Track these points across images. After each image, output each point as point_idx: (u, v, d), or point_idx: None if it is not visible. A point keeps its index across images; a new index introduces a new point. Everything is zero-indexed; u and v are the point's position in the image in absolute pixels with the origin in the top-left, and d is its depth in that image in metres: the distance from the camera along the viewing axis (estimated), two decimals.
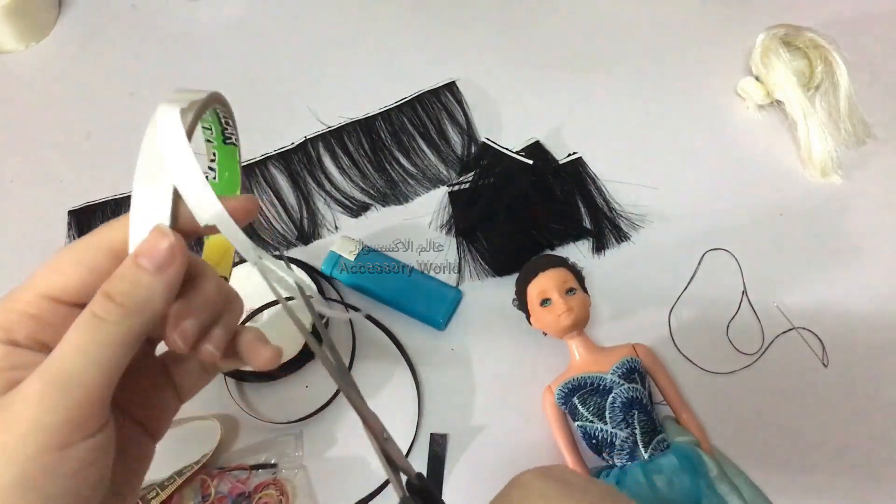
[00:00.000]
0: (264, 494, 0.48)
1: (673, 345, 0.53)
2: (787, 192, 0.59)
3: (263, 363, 0.29)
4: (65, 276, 0.26)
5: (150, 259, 0.25)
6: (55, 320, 0.26)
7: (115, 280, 0.25)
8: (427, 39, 0.69)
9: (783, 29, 0.61)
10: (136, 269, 0.25)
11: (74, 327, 0.24)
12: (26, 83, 0.69)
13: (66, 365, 0.23)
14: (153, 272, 0.25)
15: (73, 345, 0.24)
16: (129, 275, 0.25)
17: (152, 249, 0.25)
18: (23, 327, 0.25)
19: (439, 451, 0.50)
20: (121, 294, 0.24)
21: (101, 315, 0.24)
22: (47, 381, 0.23)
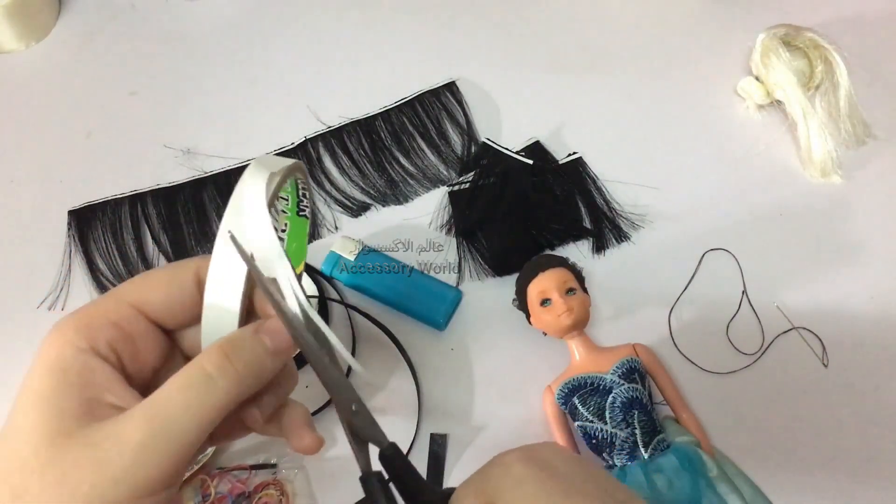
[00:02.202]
0: (264, 494, 0.48)
1: (673, 345, 0.53)
2: (787, 192, 0.59)
3: (304, 448, 0.29)
4: (152, 290, 0.27)
5: (272, 339, 0.26)
6: (135, 330, 0.26)
7: (236, 344, 0.25)
8: (427, 39, 0.69)
9: (783, 29, 0.61)
10: (259, 343, 0.26)
11: (184, 380, 0.24)
12: (26, 83, 0.69)
13: (171, 418, 0.23)
14: (272, 353, 0.26)
15: (181, 401, 0.24)
16: (251, 345, 0.26)
17: (278, 331, 0.26)
18: (104, 333, 0.25)
19: (439, 451, 0.50)
20: (241, 361, 0.25)
21: (213, 374, 0.24)
22: (149, 432, 0.23)
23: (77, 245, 0.59)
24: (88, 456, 0.23)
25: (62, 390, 0.24)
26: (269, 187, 0.28)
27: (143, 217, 0.60)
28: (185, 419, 0.23)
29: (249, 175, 0.28)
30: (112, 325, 0.26)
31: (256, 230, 0.27)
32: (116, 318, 0.26)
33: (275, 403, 0.29)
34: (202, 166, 0.62)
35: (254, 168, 0.28)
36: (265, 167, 0.28)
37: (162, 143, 0.64)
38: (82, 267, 0.58)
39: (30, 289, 0.57)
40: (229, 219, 0.27)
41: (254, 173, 0.28)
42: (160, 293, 0.27)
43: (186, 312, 0.28)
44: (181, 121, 0.65)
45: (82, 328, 0.25)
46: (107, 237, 0.59)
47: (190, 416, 0.24)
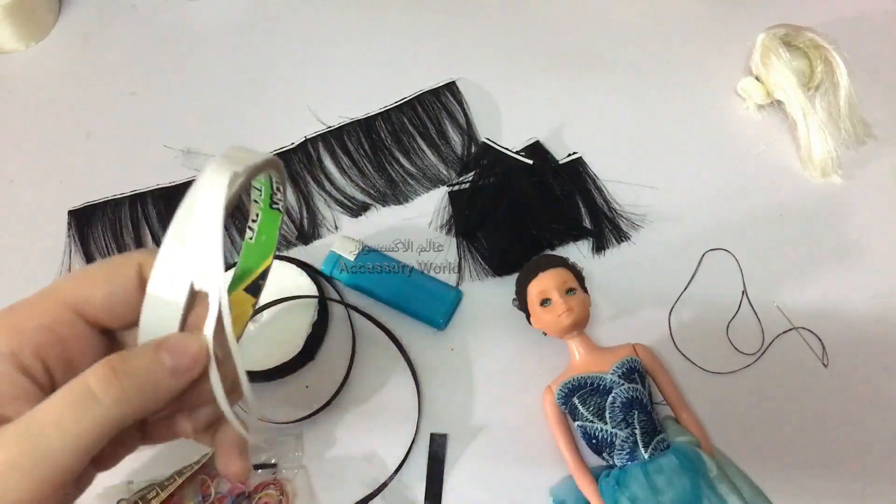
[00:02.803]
0: (264, 494, 0.48)
1: (673, 345, 0.53)
2: (787, 192, 0.59)
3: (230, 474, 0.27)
4: (91, 288, 0.25)
5: (173, 358, 0.24)
6: (69, 334, 0.24)
7: (127, 360, 0.23)
8: (427, 39, 0.69)
9: (783, 29, 0.61)
10: (155, 360, 0.23)
11: (64, 395, 0.22)
12: (26, 83, 0.69)
13: (42, 436, 0.21)
14: (170, 372, 0.24)
15: (55, 417, 0.21)
16: (145, 363, 0.23)
17: (179, 349, 0.24)
18: (33, 337, 0.24)
19: (439, 451, 0.50)
20: (128, 378, 0.22)
21: (97, 392, 0.22)
22: (17, 451, 0.21)
23: (77, 245, 0.59)
24: None
25: None
26: (229, 188, 0.25)
27: (143, 217, 0.60)
28: (58, 438, 0.21)
29: (210, 172, 0.26)
30: (44, 328, 0.24)
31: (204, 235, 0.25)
32: (49, 321, 0.24)
33: (211, 415, 0.27)
34: (202, 166, 0.62)
35: (216, 165, 0.26)
36: (229, 164, 0.26)
37: (162, 143, 0.64)
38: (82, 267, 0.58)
39: (30, 289, 0.56)
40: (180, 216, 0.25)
41: (216, 170, 0.26)
42: (100, 290, 0.25)
43: (128, 312, 0.25)
44: (181, 121, 0.65)
45: (9, 330, 0.23)
46: (107, 237, 0.59)
47: (64, 435, 0.21)
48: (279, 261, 0.55)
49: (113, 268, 0.25)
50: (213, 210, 0.25)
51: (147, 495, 0.46)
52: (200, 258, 0.25)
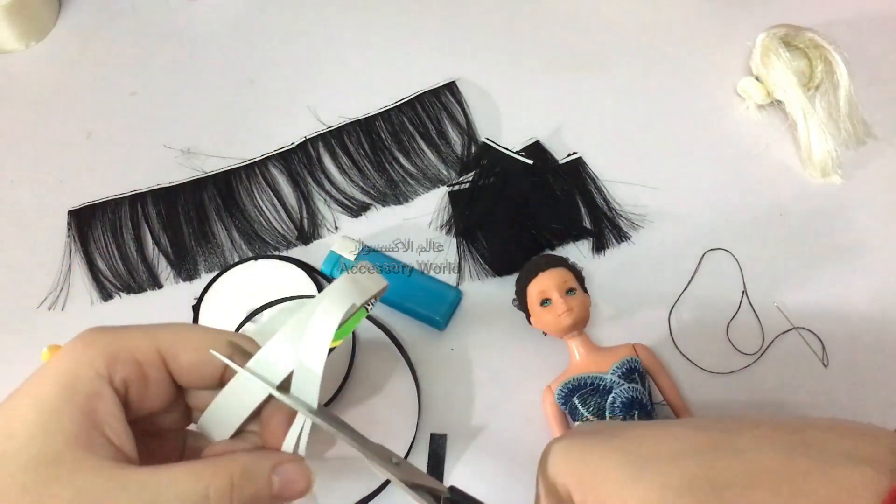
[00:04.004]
0: None
1: (673, 345, 0.53)
2: (787, 192, 0.59)
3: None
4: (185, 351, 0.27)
5: (283, 485, 0.26)
6: (152, 376, 0.26)
7: (246, 477, 0.25)
8: (427, 39, 0.69)
9: (783, 29, 0.61)
10: (268, 483, 0.26)
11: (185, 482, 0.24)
12: (26, 83, 0.69)
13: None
14: (275, 495, 0.26)
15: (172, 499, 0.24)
16: (259, 484, 0.26)
17: (292, 481, 0.26)
18: (125, 368, 0.26)
19: (439, 451, 0.50)
20: (242, 496, 0.25)
21: (212, 498, 0.24)
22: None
23: (77, 245, 0.59)
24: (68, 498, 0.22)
25: (66, 409, 0.24)
26: (345, 314, 0.28)
27: (143, 217, 0.60)
28: None
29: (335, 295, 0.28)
30: (135, 362, 0.26)
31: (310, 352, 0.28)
32: (142, 359, 0.26)
33: None
34: (202, 166, 0.62)
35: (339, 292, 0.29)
36: (351, 292, 0.29)
37: (162, 143, 0.64)
38: (82, 267, 0.58)
39: (30, 289, 0.57)
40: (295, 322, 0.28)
41: (338, 298, 0.28)
42: (189, 353, 0.27)
43: (203, 381, 0.28)
44: (181, 121, 0.65)
45: (108, 354, 0.25)
46: (107, 237, 0.59)
47: None
48: (279, 261, 0.55)
49: (209, 336, 0.28)
50: (325, 332, 0.27)
51: None
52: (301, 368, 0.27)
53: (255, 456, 0.27)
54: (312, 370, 0.28)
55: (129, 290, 0.57)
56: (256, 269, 0.55)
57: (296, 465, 0.27)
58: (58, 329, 0.55)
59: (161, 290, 0.57)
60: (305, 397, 0.28)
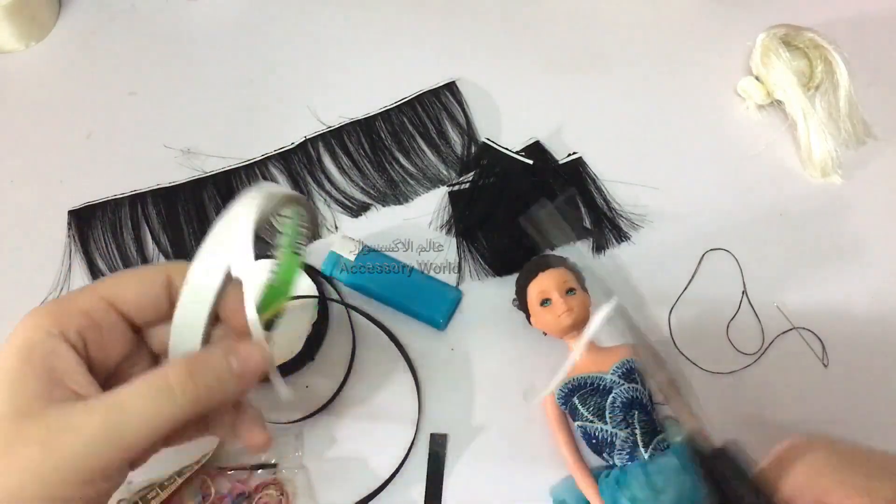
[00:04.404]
0: (264, 494, 0.48)
1: (673, 345, 0.53)
2: (787, 192, 0.59)
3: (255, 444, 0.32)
4: (124, 287, 0.29)
5: (240, 363, 0.28)
6: (104, 321, 0.28)
7: (202, 363, 0.27)
8: (427, 39, 0.69)
9: (783, 29, 0.61)
10: (225, 366, 0.27)
11: (147, 387, 0.26)
12: (26, 83, 0.69)
13: (126, 419, 0.25)
14: (237, 377, 0.27)
15: (139, 406, 0.25)
16: (217, 367, 0.27)
17: (248, 357, 0.28)
18: (75, 320, 0.27)
19: (439, 451, 0.50)
20: (203, 380, 0.26)
21: (175, 389, 0.26)
22: (103, 427, 0.25)
23: (77, 245, 0.59)
24: (42, 438, 0.24)
25: (25, 371, 0.26)
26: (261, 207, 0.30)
27: (143, 217, 0.60)
28: (139, 423, 0.25)
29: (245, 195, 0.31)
30: (83, 313, 0.28)
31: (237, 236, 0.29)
32: (88, 308, 0.28)
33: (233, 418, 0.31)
34: (202, 166, 0.62)
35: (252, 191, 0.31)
36: (257, 196, 0.31)
37: (162, 143, 0.64)
38: (82, 267, 0.58)
39: (30, 289, 0.57)
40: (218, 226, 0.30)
41: (250, 194, 0.31)
42: (131, 291, 0.29)
43: (154, 312, 0.29)
44: (181, 121, 0.65)
45: (55, 313, 0.27)
46: (107, 237, 0.59)
47: (144, 421, 0.25)
48: None
49: (145, 273, 0.30)
50: (247, 218, 0.30)
51: (147, 495, 0.46)
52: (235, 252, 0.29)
53: (208, 347, 0.28)
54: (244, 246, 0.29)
55: None
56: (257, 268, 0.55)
57: (248, 344, 0.28)
58: None
59: None
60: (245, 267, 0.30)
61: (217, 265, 0.29)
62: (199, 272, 0.29)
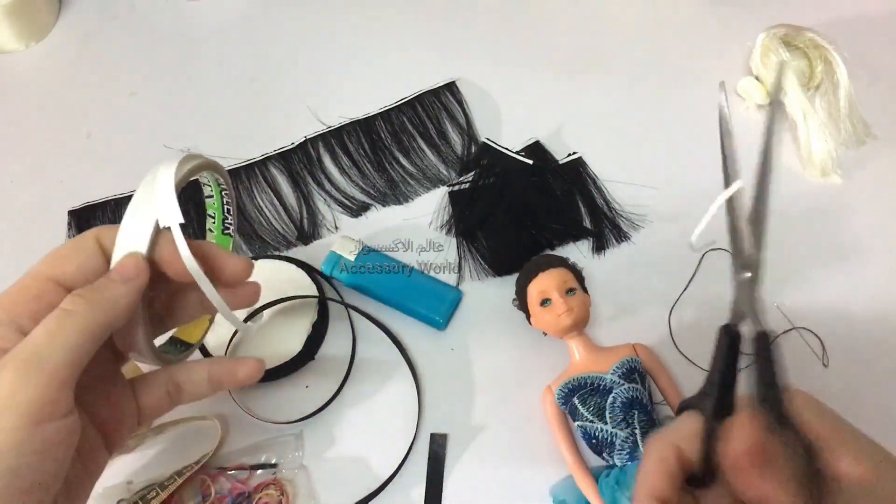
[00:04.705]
0: (264, 494, 0.48)
1: (673, 345, 0.53)
2: (787, 192, 0.59)
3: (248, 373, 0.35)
4: (63, 263, 0.31)
5: (119, 273, 0.30)
6: (54, 300, 0.29)
7: (89, 285, 0.30)
8: (427, 39, 0.69)
9: (783, 29, 0.61)
10: (107, 278, 0.30)
11: (47, 318, 0.28)
12: (26, 83, 0.69)
13: (36, 347, 0.27)
14: (119, 281, 0.30)
15: (43, 330, 0.28)
16: (101, 281, 0.30)
17: (122, 267, 0.30)
18: (26, 307, 0.29)
19: (439, 451, 0.50)
20: (87, 291, 0.29)
21: (68, 308, 0.28)
22: (20, 361, 0.26)
23: None
24: None
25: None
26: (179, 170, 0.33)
27: None
28: (49, 345, 0.27)
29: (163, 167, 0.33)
30: (34, 298, 0.29)
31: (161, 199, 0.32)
32: (37, 292, 0.30)
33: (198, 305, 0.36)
34: None
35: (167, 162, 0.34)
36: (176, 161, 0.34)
37: (162, 143, 0.64)
38: None
39: None
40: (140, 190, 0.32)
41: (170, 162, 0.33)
42: (71, 264, 0.30)
43: (95, 276, 0.31)
44: (181, 121, 0.65)
45: (6, 304, 0.29)
46: None
47: (53, 342, 0.27)
48: (279, 261, 0.55)
49: (76, 243, 0.31)
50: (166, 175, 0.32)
51: (147, 495, 0.46)
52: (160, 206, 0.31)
53: None
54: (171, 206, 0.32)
55: None
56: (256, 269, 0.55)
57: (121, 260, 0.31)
58: None
59: None
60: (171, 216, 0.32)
61: (145, 219, 0.31)
62: (128, 229, 0.31)
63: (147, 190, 0.32)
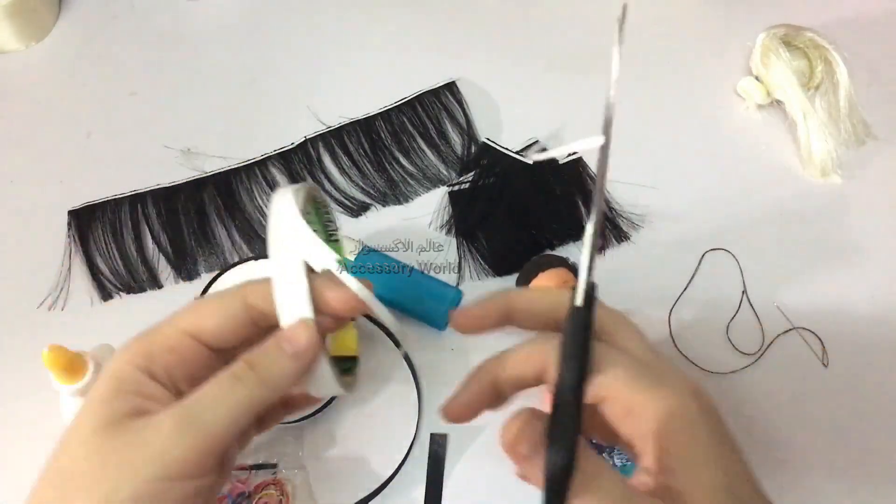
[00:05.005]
0: (264, 494, 0.48)
1: (673, 345, 0.53)
2: (787, 192, 0.59)
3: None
4: (204, 319, 0.30)
5: (291, 345, 0.29)
6: (190, 356, 0.30)
7: (259, 353, 0.29)
8: (427, 39, 0.69)
9: (783, 29, 0.61)
10: (278, 349, 0.29)
11: (215, 381, 0.28)
12: (26, 83, 0.69)
13: (200, 410, 0.27)
14: (290, 356, 0.29)
15: (211, 395, 0.28)
16: (272, 353, 0.29)
17: (295, 337, 0.29)
18: (162, 358, 0.29)
19: (439, 451, 0.50)
20: (261, 366, 0.29)
21: (240, 377, 0.28)
22: (182, 419, 0.27)
23: (77, 245, 0.59)
24: (128, 441, 0.26)
25: (117, 395, 0.28)
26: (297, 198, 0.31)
27: (143, 217, 0.60)
28: (213, 411, 0.27)
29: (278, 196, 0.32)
30: (170, 350, 0.29)
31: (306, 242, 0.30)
32: (174, 345, 0.29)
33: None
34: (202, 166, 0.62)
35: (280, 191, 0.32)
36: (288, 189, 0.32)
37: (162, 143, 0.64)
38: (82, 267, 0.58)
39: (30, 289, 0.57)
40: (272, 233, 0.31)
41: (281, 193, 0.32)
42: (212, 322, 0.30)
43: (235, 337, 0.31)
44: (181, 121, 0.65)
45: (143, 353, 0.29)
46: (107, 237, 0.59)
47: (218, 408, 0.27)
48: None
49: (223, 301, 0.31)
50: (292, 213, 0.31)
51: None
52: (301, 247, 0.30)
53: (262, 341, 0.30)
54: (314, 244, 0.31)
55: (129, 290, 0.57)
56: (256, 269, 0.55)
57: (293, 327, 0.29)
58: (58, 329, 0.55)
59: (161, 290, 0.57)
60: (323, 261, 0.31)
61: (294, 269, 0.30)
62: (283, 289, 0.30)
63: (278, 235, 0.31)
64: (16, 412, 0.51)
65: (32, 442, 0.50)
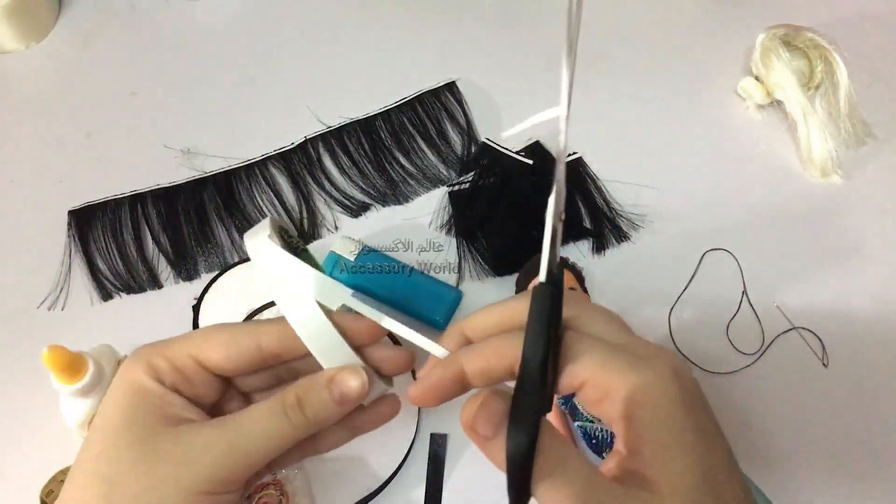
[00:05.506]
0: (264, 494, 0.48)
1: (673, 345, 0.53)
2: (787, 192, 0.59)
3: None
4: (213, 350, 0.31)
5: (341, 391, 0.30)
6: (193, 377, 0.30)
7: (310, 391, 0.30)
8: (427, 39, 0.69)
9: (783, 29, 0.61)
10: (328, 393, 0.30)
11: (266, 409, 0.29)
12: (26, 83, 0.69)
13: (251, 436, 0.29)
14: (338, 402, 0.30)
15: (261, 426, 0.29)
16: (323, 395, 0.30)
17: (344, 384, 0.30)
18: (169, 375, 0.30)
19: (439, 451, 0.50)
20: (310, 406, 0.30)
21: (289, 415, 0.29)
22: (234, 443, 0.28)
23: (77, 245, 0.59)
24: (177, 453, 0.27)
25: (144, 405, 0.29)
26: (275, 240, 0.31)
27: (143, 217, 0.60)
28: (261, 441, 0.28)
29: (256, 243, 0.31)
30: (176, 370, 0.30)
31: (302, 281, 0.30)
32: (179, 365, 0.30)
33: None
34: (202, 166, 0.62)
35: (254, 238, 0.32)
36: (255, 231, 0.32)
37: (162, 143, 0.64)
38: (82, 267, 0.58)
39: (30, 289, 0.57)
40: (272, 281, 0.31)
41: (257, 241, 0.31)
42: (219, 355, 0.31)
43: (242, 370, 0.32)
44: (181, 121, 0.65)
45: (153, 367, 0.30)
46: (107, 237, 0.59)
47: (265, 439, 0.29)
48: None
49: (235, 336, 0.31)
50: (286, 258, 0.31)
51: None
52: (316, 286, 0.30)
53: (313, 375, 0.31)
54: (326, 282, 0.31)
55: (129, 290, 0.57)
56: None
57: (344, 372, 0.31)
58: (58, 329, 0.55)
59: (161, 290, 0.57)
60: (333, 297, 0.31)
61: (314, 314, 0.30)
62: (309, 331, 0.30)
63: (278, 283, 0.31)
64: (16, 412, 0.51)
65: (32, 442, 0.51)
